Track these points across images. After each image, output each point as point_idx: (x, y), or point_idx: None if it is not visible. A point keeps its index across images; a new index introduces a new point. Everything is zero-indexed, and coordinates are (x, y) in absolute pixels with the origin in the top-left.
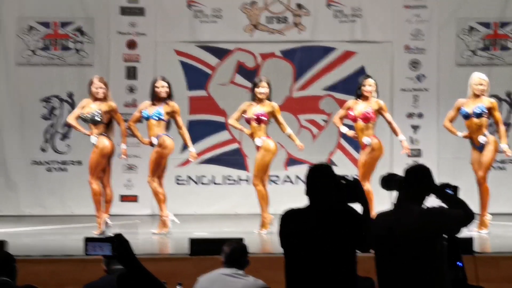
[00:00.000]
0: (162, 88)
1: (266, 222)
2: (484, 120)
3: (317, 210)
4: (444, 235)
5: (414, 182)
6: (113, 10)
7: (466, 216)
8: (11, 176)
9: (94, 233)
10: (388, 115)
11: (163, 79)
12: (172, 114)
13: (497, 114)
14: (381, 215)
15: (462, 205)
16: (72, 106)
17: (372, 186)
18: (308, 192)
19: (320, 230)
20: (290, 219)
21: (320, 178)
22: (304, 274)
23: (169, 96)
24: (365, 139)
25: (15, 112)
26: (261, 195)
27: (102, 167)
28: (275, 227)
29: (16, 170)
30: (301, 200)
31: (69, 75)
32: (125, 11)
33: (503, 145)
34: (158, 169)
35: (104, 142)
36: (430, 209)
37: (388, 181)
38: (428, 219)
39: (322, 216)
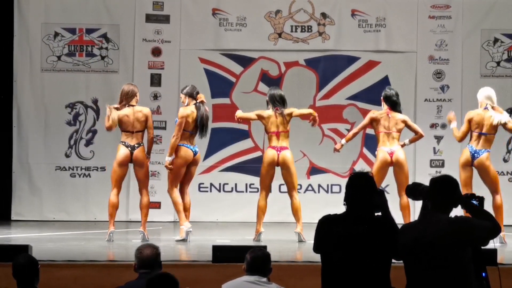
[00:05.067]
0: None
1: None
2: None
3: (355, 217)
4: (471, 246)
5: (440, 192)
6: (139, 17)
7: (493, 228)
8: (35, 182)
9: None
10: None
11: (182, 91)
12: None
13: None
14: (407, 226)
15: (488, 216)
16: (97, 112)
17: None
18: (348, 199)
19: (357, 237)
20: (328, 224)
21: (361, 186)
22: (340, 279)
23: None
24: None
25: (39, 117)
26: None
27: (118, 175)
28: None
29: (40, 176)
30: (323, 209)
31: (94, 81)
32: (150, 18)
33: None
34: (175, 179)
35: (119, 150)
36: (458, 218)
37: (414, 191)
38: (457, 227)
39: (360, 223)
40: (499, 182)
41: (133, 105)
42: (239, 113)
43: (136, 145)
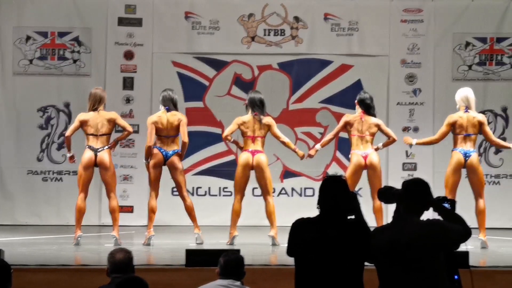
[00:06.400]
0: None
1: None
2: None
3: (329, 220)
4: (443, 249)
5: (412, 195)
6: (111, 21)
7: (464, 231)
8: (7, 186)
9: None
10: None
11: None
12: None
13: None
14: (380, 229)
15: (460, 220)
16: (69, 116)
17: None
18: (321, 203)
19: (330, 240)
20: (301, 227)
21: (335, 190)
22: (314, 282)
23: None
24: None
25: (11, 121)
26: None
27: (83, 179)
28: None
29: (12, 180)
30: (297, 212)
31: (66, 85)
32: (122, 21)
33: None
34: (150, 181)
35: (84, 153)
36: (431, 221)
37: (385, 194)
38: (430, 230)
39: (333, 226)
40: (484, 185)
41: (99, 109)
42: (225, 133)
43: (100, 148)
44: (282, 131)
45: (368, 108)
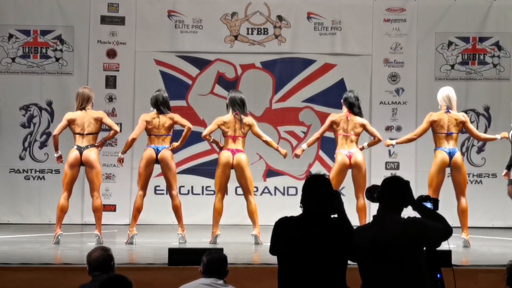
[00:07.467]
0: None
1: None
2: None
3: (312, 219)
4: (424, 247)
5: (390, 193)
6: (93, 19)
7: (445, 230)
8: None
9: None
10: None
11: None
12: None
13: None
14: (362, 228)
15: (441, 219)
16: (52, 114)
17: None
18: (304, 202)
19: (313, 239)
20: (284, 226)
21: (318, 189)
22: (297, 281)
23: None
24: None
25: None
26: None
27: (68, 178)
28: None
29: None
30: (279, 211)
31: (49, 83)
32: (105, 20)
33: None
34: (139, 179)
35: (70, 152)
36: (411, 219)
37: (372, 193)
38: (411, 228)
39: (316, 225)
40: (467, 184)
41: (86, 109)
42: (204, 133)
43: (85, 147)
44: (265, 130)
45: (352, 107)
